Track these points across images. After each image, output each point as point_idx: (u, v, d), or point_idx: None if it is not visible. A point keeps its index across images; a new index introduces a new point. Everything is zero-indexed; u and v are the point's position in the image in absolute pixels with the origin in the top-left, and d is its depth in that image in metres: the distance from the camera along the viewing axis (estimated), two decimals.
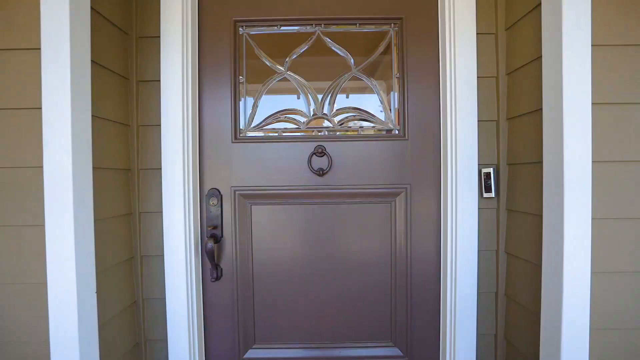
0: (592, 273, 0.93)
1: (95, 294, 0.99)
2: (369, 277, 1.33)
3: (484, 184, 1.24)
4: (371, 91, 1.33)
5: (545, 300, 0.99)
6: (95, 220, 1.05)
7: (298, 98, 1.33)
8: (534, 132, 1.09)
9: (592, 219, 0.92)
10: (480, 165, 1.24)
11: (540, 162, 1.06)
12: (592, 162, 0.92)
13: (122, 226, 1.20)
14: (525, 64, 1.14)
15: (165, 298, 1.24)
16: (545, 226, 0.98)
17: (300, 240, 1.33)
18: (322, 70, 1.33)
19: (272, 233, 1.33)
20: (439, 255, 1.32)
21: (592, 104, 0.92)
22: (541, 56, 1.05)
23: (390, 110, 1.33)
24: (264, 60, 1.33)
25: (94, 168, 1.05)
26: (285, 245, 1.33)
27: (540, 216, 1.06)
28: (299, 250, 1.33)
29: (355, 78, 1.33)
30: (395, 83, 1.33)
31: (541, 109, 1.05)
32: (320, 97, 1.33)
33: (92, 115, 1.05)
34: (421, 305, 1.33)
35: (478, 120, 1.23)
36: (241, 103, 1.32)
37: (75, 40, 0.91)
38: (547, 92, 0.97)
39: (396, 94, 1.32)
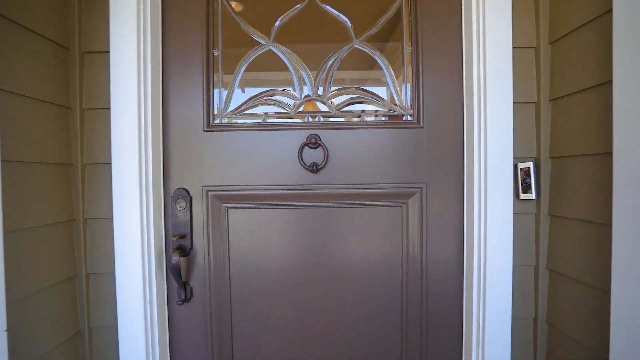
0: None
1: (6, 332, 0.72)
2: (374, 299, 1.07)
3: (522, 182, 0.98)
4: (378, 70, 1.07)
5: (617, 339, 0.73)
6: (14, 230, 0.79)
7: (291, 87, 1.07)
8: (592, 114, 0.84)
9: None
10: (517, 159, 0.99)
11: (604, 154, 0.80)
12: None
13: (61, 236, 0.94)
14: (577, 28, 0.88)
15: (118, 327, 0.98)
16: (617, 239, 0.73)
17: (288, 252, 1.07)
18: (316, 42, 1.07)
19: (255, 243, 1.07)
20: (462, 272, 1.06)
21: None
22: (603, 14, 0.79)
23: (402, 91, 1.07)
24: (244, 29, 1.06)
25: (13, 162, 0.79)
26: (270, 259, 1.07)
27: (602, 225, 0.81)
28: (287, 265, 1.07)
29: (357, 52, 1.07)
30: (407, 57, 1.07)
31: (606, 83, 0.79)
32: (314, 75, 1.07)
33: (10, 92, 0.79)
34: (439, 336, 1.07)
35: (513, 103, 0.97)
36: (215, 82, 1.06)
37: None
38: (620, 59, 0.71)
39: (408, 71, 1.06)
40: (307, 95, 1.07)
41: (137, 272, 0.98)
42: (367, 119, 1.07)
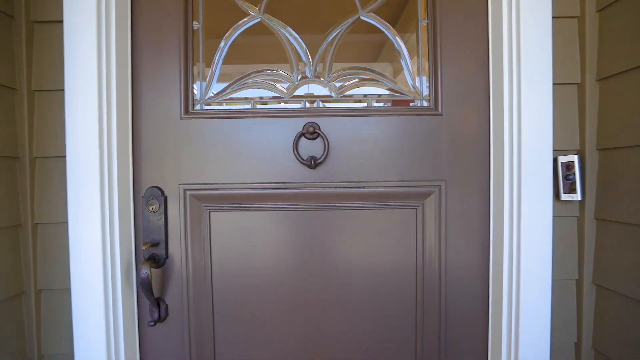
0: None
1: None
2: (384, 319, 0.90)
3: (563, 179, 0.81)
4: (388, 48, 0.90)
5: None
6: None
7: (286, 67, 0.90)
8: None
9: None
10: (556, 152, 0.82)
11: None
12: None
13: (3, 245, 0.77)
14: None
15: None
16: None
17: (282, 263, 0.90)
18: (315, 14, 0.90)
19: (242, 252, 0.90)
20: (488, 286, 0.89)
21: None
22: None
23: (417, 72, 0.91)
24: None
25: None
26: (260, 271, 0.90)
27: None
28: (280, 278, 0.90)
29: (364, 26, 0.90)
30: (422, 33, 0.90)
31: None
32: (312, 52, 0.90)
33: None
34: None
35: (552, 84, 0.80)
36: (195, 62, 0.89)
37: None
38: None
39: (424, 49, 0.90)
40: (305, 77, 0.90)
41: (97, 287, 0.81)
42: (375, 104, 0.90)
